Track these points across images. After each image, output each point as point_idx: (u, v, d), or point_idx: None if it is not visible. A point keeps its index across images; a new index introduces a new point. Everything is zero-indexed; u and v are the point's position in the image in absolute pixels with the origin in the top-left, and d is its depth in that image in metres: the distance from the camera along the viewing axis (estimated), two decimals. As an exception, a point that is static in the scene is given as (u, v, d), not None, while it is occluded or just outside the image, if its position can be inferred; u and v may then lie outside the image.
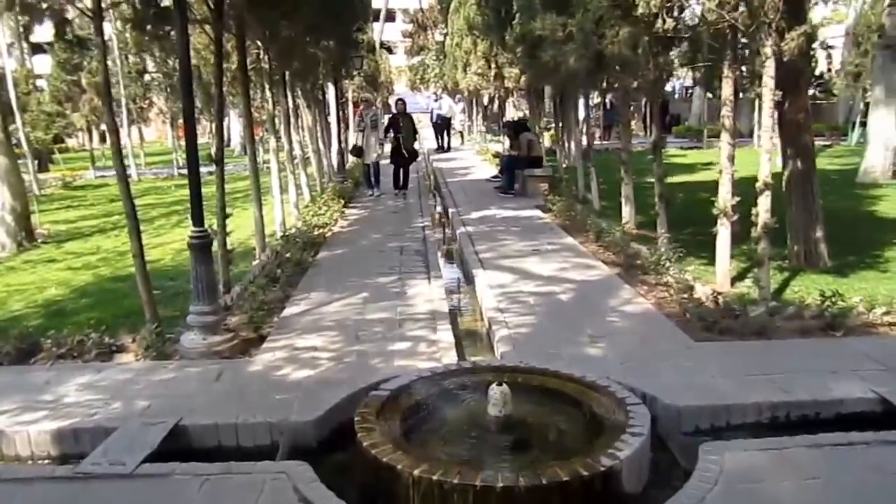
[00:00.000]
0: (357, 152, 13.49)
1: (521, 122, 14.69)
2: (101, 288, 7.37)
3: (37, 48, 24.08)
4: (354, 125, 14.70)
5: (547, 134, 18.33)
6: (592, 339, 5.00)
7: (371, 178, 13.32)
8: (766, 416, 3.85)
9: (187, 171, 5.21)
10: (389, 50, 41.29)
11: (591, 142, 12.61)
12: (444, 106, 23.66)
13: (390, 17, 41.37)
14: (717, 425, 3.82)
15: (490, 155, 18.89)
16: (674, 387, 4.06)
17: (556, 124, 16.38)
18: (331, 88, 17.22)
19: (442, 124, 23.65)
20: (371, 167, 13.26)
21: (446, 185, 14.44)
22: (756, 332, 5.00)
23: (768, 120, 5.52)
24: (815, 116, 8.75)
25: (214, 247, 5.63)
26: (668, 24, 5.97)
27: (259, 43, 9.45)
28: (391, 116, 13.69)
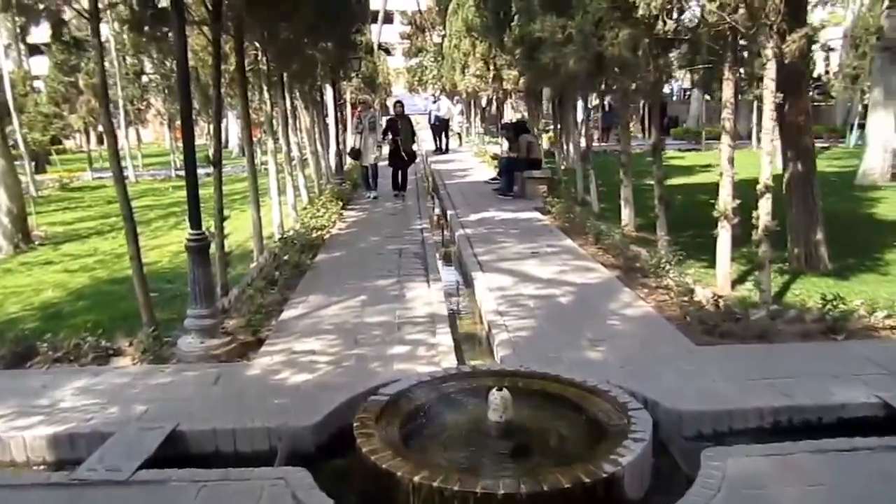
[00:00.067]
0: (355, 154, 13.46)
1: (520, 124, 14.65)
2: (98, 290, 7.33)
3: (34, 49, 24.00)
4: (353, 127, 14.67)
5: (545, 136, 18.33)
6: (593, 343, 4.97)
7: (369, 181, 13.29)
8: (769, 420, 3.82)
9: (185, 172, 5.18)
10: (387, 51, 41.33)
11: (589, 144, 12.58)
12: (442, 108, 23.64)
13: (388, 19, 41.45)
14: (719, 430, 3.79)
15: (488, 157, 18.87)
16: (675, 391, 4.04)
17: (555, 126, 16.37)
18: (329, 90, 17.21)
19: (440, 126, 23.63)
20: (369, 169, 13.23)
21: (444, 187, 14.40)
22: (757, 335, 4.97)
23: (769, 122, 5.50)
24: (813, 118, 8.69)
25: (212, 249, 5.59)
26: (669, 26, 5.95)
27: (257, 44, 9.43)
28: (389, 119, 13.66)
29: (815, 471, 3.19)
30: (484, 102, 27.87)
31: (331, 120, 17.60)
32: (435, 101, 24.37)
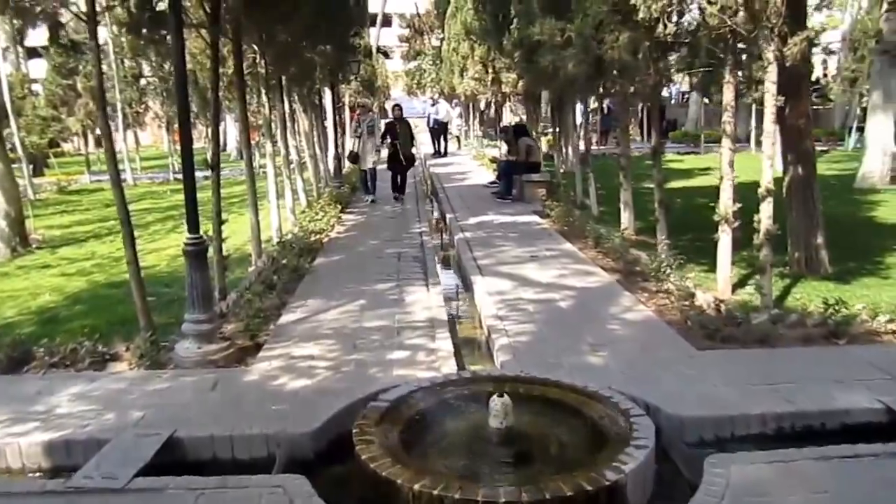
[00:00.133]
0: (354, 158, 13.45)
1: (519, 127, 14.61)
2: (96, 294, 7.29)
3: (32, 52, 23.95)
4: (351, 130, 14.65)
5: (544, 139, 18.31)
6: (593, 348, 4.94)
7: (368, 184, 13.27)
8: (771, 426, 3.79)
9: (183, 176, 5.14)
10: (386, 55, 41.32)
11: (588, 147, 12.56)
12: (440, 111, 23.66)
13: (387, 22, 41.45)
14: (721, 436, 3.76)
15: (487, 160, 18.86)
16: (676, 396, 4.00)
17: (554, 129, 16.35)
18: (327, 93, 17.18)
19: (439, 129, 23.65)
20: (368, 173, 13.21)
21: (443, 191, 14.39)
22: (759, 340, 4.94)
23: (770, 125, 5.48)
24: (812, 122, 8.68)
25: (210, 253, 5.55)
26: (669, 29, 5.93)
27: (255, 47, 9.39)
28: (388, 123, 13.64)
29: (819, 478, 3.16)
30: (483, 106, 27.82)
31: (329, 123, 17.57)
32: (434, 105, 24.40)
